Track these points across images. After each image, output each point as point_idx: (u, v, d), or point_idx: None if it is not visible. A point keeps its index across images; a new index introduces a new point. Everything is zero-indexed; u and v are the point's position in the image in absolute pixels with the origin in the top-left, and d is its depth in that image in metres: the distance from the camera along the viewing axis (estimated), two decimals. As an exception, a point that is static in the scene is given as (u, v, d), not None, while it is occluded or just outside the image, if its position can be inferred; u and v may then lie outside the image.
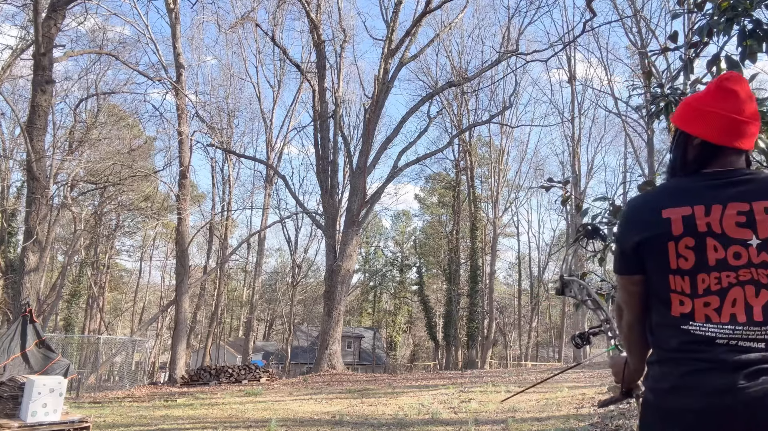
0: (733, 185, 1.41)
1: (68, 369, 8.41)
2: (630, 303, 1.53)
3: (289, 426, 8.08)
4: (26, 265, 13.69)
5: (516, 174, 41.23)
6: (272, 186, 34.71)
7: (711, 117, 1.47)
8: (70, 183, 24.49)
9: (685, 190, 1.45)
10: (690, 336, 1.36)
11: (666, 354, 1.41)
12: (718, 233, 1.36)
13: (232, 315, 50.72)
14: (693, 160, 1.51)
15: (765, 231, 1.35)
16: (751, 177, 1.43)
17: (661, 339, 1.43)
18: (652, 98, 3.45)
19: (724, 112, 1.46)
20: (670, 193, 1.46)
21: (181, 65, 22.63)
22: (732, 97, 1.47)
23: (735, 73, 1.55)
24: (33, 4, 14.55)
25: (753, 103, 1.49)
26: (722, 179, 1.43)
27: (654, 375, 1.43)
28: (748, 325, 1.31)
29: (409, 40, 23.54)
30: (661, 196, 1.47)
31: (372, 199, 23.76)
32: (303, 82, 28.99)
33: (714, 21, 2.91)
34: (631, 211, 1.51)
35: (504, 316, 46.96)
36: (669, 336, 1.40)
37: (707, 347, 1.33)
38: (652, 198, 1.49)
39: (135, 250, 42.90)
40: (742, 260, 1.34)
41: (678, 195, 1.44)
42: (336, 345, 21.64)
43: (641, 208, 1.48)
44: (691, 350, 1.35)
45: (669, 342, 1.40)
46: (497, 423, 7.59)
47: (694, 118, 1.51)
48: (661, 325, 1.43)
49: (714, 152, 1.47)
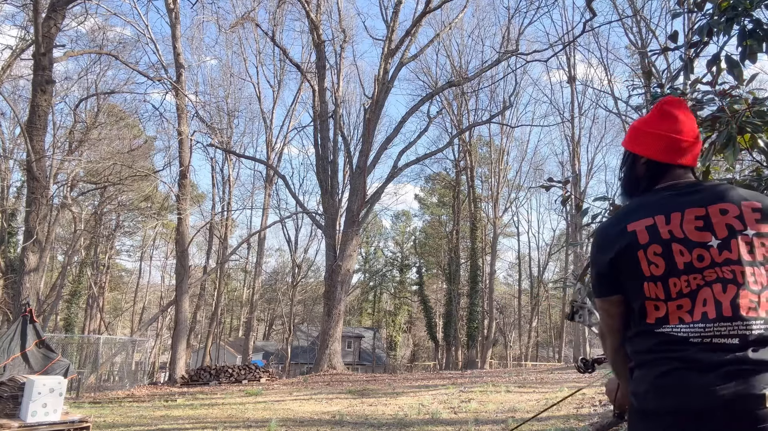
0: (688, 194, 1.50)
1: (68, 369, 8.41)
2: (612, 326, 1.58)
3: (289, 426, 8.07)
4: (26, 265, 13.69)
5: (516, 174, 41.26)
6: (272, 186, 34.72)
7: (652, 137, 1.59)
8: (70, 183, 24.50)
9: (644, 205, 1.52)
10: (664, 337, 1.39)
11: (642, 357, 1.44)
12: (680, 238, 1.42)
13: (232, 315, 50.73)
14: (643, 178, 1.61)
15: (722, 232, 1.42)
16: (702, 187, 1.53)
17: (637, 345, 1.46)
18: (652, 98, 3.45)
19: (663, 132, 1.57)
20: (631, 210, 1.54)
21: (181, 65, 22.62)
22: (670, 119, 1.58)
23: (674, 98, 1.66)
24: (33, 4, 14.55)
25: (692, 123, 1.60)
26: (675, 191, 1.53)
27: (634, 379, 1.46)
28: (718, 321, 1.34)
29: (409, 40, 23.55)
30: (623, 214, 1.54)
31: (372, 199, 23.77)
32: (303, 82, 29.00)
33: (714, 21, 2.91)
34: (600, 235, 1.58)
35: (504, 316, 46.97)
36: (644, 341, 1.44)
37: (682, 346, 1.35)
38: (616, 218, 1.56)
39: (135, 250, 42.96)
40: (706, 262, 1.40)
41: (638, 210, 1.51)
42: (336, 345, 21.64)
43: (607, 229, 1.55)
44: (666, 350, 1.37)
45: (644, 345, 1.43)
46: (497, 423, 7.59)
47: (638, 139, 1.63)
48: (637, 333, 1.47)
49: (661, 170, 1.58)
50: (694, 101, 3.31)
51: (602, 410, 7.94)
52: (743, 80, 2.96)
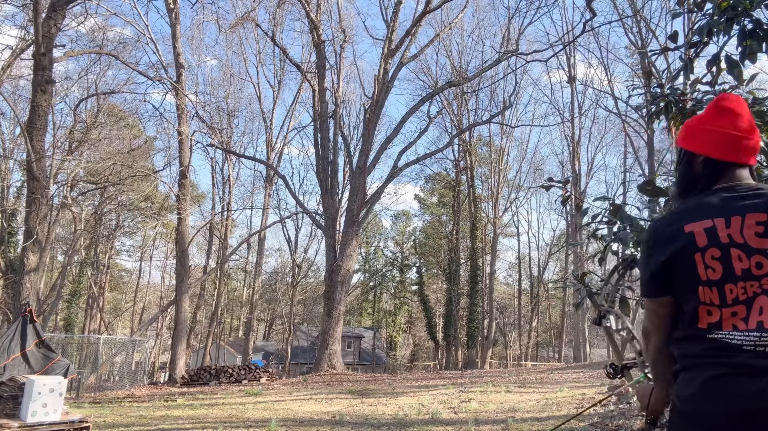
0: (749, 198, 1.44)
1: (68, 369, 8.41)
2: (659, 326, 1.55)
3: (289, 426, 8.07)
4: (26, 265, 13.69)
5: (516, 174, 41.28)
6: (272, 186, 34.72)
7: (710, 134, 1.54)
8: (70, 183, 24.50)
9: (702, 206, 1.47)
10: (716, 343, 1.37)
11: (690, 361, 1.42)
12: (740, 243, 1.39)
13: (232, 315, 50.73)
14: (700, 177, 1.55)
15: None
16: (764, 191, 1.46)
17: (686, 348, 1.45)
18: (652, 98, 3.45)
19: (722, 129, 1.52)
20: (688, 210, 1.49)
21: (181, 65, 22.62)
22: (729, 115, 1.53)
23: (731, 94, 1.62)
24: (33, 4, 14.54)
25: (751, 120, 1.55)
26: (736, 193, 1.47)
27: (679, 382, 1.44)
28: None
29: (409, 40, 23.55)
30: (680, 214, 1.50)
31: (372, 199, 23.76)
32: (303, 82, 29.00)
33: (714, 21, 2.91)
34: (654, 233, 1.52)
35: (504, 316, 46.97)
36: (693, 345, 1.42)
37: (734, 353, 1.34)
38: (671, 217, 1.52)
39: (135, 250, 42.96)
40: (764, 269, 1.37)
41: (697, 210, 1.46)
42: (336, 345, 21.64)
43: (661, 229, 1.51)
44: (717, 356, 1.36)
45: (693, 349, 1.42)
46: (497, 423, 7.59)
47: (695, 136, 1.58)
48: (687, 337, 1.45)
49: (719, 169, 1.53)
50: (694, 101, 3.31)
51: (602, 410, 7.94)
52: (743, 80, 2.97)
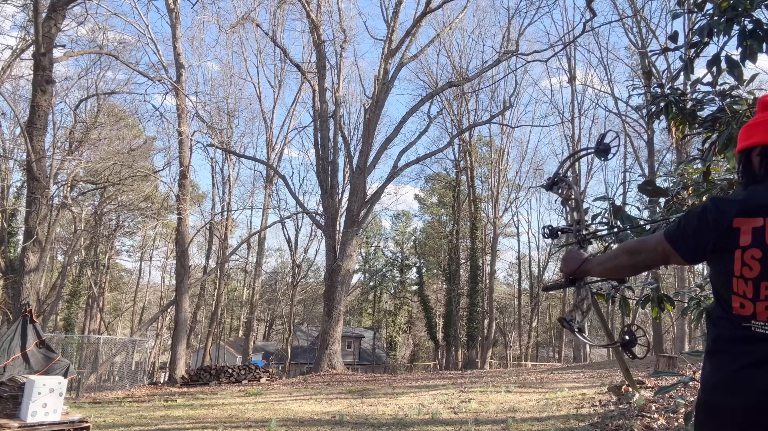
0: None
1: (68, 369, 8.40)
2: (651, 264, 1.63)
3: (289, 426, 8.07)
4: (26, 265, 13.69)
5: (516, 174, 41.30)
6: (272, 186, 34.73)
7: (762, 125, 1.55)
8: (70, 183, 24.49)
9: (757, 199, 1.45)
10: (749, 332, 1.39)
11: (722, 345, 1.44)
12: None
13: (232, 315, 50.73)
14: (760, 170, 1.54)
15: None
16: None
17: (722, 329, 1.46)
18: (652, 98, 3.45)
19: None
20: (745, 200, 1.46)
21: (182, 65, 22.62)
22: None
23: None
24: (33, 4, 14.55)
25: None
26: None
27: (705, 367, 1.46)
28: None
29: (410, 40, 23.56)
30: (735, 204, 1.47)
31: (372, 199, 23.76)
32: (303, 82, 29.01)
33: (714, 21, 2.91)
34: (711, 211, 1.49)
35: (504, 316, 46.98)
36: (729, 329, 1.44)
37: (762, 344, 1.36)
38: (728, 205, 1.48)
39: (135, 250, 42.97)
40: None
41: (752, 203, 1.44)
42: (336, 345, 21.64)
43: (717, 213, 1.47)
44: (748, 343, 1.38)
45: (728, 333, 1.44)
46: (497, 423, 7.58)
47: (747, 132, 1.59)
48: (723, 318, 1.47)
49: None
50: (694, 101, 3.31)
51: (602, 410, 7.94)
52: (743, 80, 2.96)
